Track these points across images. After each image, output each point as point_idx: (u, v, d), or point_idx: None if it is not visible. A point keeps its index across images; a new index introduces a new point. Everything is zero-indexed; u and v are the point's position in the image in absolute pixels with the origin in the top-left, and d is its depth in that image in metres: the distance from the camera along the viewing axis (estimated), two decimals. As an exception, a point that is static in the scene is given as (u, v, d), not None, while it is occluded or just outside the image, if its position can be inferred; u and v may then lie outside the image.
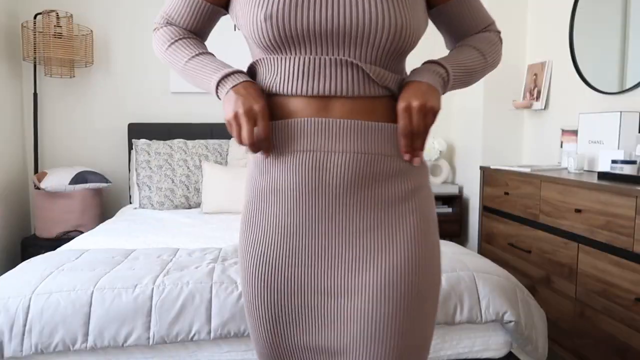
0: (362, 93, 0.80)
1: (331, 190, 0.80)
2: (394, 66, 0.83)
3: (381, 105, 0.82)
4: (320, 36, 0.78)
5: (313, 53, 0.79)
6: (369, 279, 0.79)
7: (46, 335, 1.37)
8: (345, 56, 0.79)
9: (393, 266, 0.79)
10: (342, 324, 0.81)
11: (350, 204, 0.80)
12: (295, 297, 0.82)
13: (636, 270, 1.67)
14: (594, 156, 2.28)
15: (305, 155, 0.80)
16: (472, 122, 3.20)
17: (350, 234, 0.81)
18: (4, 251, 2.92)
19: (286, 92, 0.81)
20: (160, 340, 1.42)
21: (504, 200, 2.52)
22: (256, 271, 0.83)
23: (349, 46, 0.78)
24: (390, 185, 0.82)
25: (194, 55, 0.85)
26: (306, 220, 0.81)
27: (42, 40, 2.78)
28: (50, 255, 1.77)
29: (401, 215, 0.81)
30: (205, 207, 2.72)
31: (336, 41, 0.78)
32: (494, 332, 1.62)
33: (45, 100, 3.17)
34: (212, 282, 1.51)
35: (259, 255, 0.83)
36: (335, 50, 0.79)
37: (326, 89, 0.79)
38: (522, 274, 2.36)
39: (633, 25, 2.19)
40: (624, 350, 1.73)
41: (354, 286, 0.80)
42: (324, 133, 0.80)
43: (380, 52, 0.79)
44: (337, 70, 0.79)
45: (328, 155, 0.79)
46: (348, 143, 0.79)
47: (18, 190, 3.08)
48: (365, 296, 0.79)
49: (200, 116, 3.33)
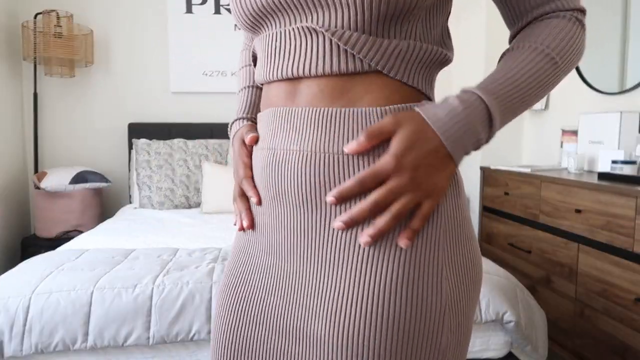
0: (332, 70, 0.57)
1: (287, 202, 0.61)
2: (390, 30, 0.57)
3: (362, 83, 0.57)
4: (286, 3, 0.58)
5: (281, 25, 0.60)
6: (325, 330, 0.57)
7: (46, 335, 1.37)
8: (313, 23, 0.57)
9: (356, 319, 0.55)
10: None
11: (307, 223, 0.60)
12: (246, 330, 0.66)
13: (636, 271, 1.67)
14: (594, 156, 2.28)
15: (263, 154, 0.63)
16: (472, 122, 3.20)
17: (309, 263, 0.60)
18: (4, 251, 2.92)
19: (261, 80, 0.65)
20: (160, 340, 1.42)
21: (504, 201, 2.52)
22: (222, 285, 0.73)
23: (317, 10, 0.56)
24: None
25: (240, 89, 0.84)
26: (262, 235, 0.66)
27: (42, 40, 2.78)
28: (50, 255, 1.77)
29: (376, 246, 0.56)
30: (205, 207, 2.72)
31: (302, 5, 0.57)
32: (493, 332, 1.62)
33: (46, 100, 3.17)
34: (212, 282, 1.51)
35: (227, 270, 0.73)
36: (305, 17, 0.57)
37: (289, 70, 0.59)
38: (522, 274, 2.36)
39: (633, 26, 2.19)
40: (623, 350, 1.73)
41: (309, 333, 0.59)
42: (284, 126, 0.61)
43: (362, 15, 0.54)
44: (302, 42, 0.58)
45: (285, 155, 0.60)
46: (307, 140, 0.58)
47: (18, 190, 3.08)
48: (321, 351, 0.58)
49: (200, 116, 3.33)
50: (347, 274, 0.56)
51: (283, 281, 0.63)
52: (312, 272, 0.59)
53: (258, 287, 0.66)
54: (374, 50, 0.56)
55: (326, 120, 0.58)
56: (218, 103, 3.34)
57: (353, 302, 0.55)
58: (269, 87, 0.65)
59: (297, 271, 0.61)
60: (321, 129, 0.58)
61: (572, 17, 0.61)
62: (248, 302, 0.67)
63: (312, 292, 0.59)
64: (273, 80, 0.63)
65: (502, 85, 0.56)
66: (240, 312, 0.67)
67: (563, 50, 0.59)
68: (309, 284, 0.60)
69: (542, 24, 0.61)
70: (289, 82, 0.61)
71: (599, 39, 2.40)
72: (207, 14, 3.26)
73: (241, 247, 0.71)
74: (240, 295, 0.68)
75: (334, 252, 0.58)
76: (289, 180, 0.60)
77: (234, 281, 0.69)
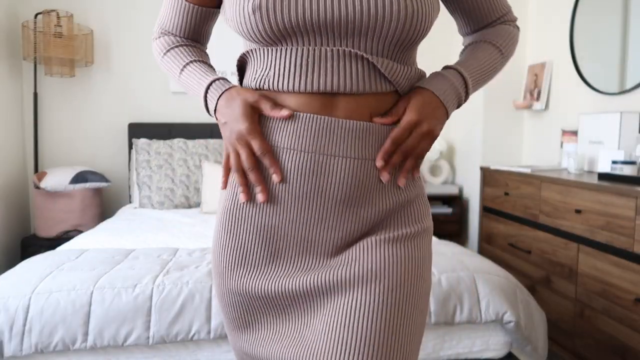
0: (369, 89, 0.71)
1: (328, 199, 0.72)
2: (404, 57, 0.74)
3: (387, 102, 0.74)
4: (318, 28, 0.68)
5: (312, 44, 0.70)
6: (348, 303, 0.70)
7: (46, 335, 1.37)
8: (349, 48, 0.69)
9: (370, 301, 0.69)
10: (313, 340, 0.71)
11: (345, 216, 0.73)
12: (269, 302, 0.76)
13: (636, 271, 1.67)
14: (594, 157, 2.28)
15: (305, 157, 0.71)
16: (473, 122, 3.20)
17: (340, 247, 0.74)
18: (4, 251, 2.92)
19: (281, 88, 0.72)
20: (160, 339, 1.42)
21: (504, 201, 2.52)
22: (230, 271, 0.78)
23: (352, 37, 0.69)
24: (387, 196, 0.74)
25: (185, 64, 0.83)
26: (296, 225, 0.74)
27: (42, 39, 2.78)
28: (50, 255, 1.77)
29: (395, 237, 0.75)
30: (205, 207, 2.72)
31: (337, 32, 0.69)
32: (493, 332, 1.62)
33: (46, 100, 3.17)
34: (212, 282, 1.51)
35: (235, 255, 0.77)
36: (337, 41, 0.69)
37: (328, 85, 0.70)
38: (522, 274, 2.36)
39: (633, 26, 2.19)
40: (623, 350, 1.73)
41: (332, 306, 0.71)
42: (327, 134, 0.71)
43: (388, 43, 0.70)
44: (341, 63, 0.69)
45: (329, 160, 0.71)
46: (351, 147, 0.71)
47: (18, 189, 3.08)
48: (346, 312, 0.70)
49: (200, 116, 3.33)
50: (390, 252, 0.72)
51: (307, 262, 0.75)
52: (351, 258, 0.72)
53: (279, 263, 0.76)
54: (399, 75, 0.73)
55: (365, 132, 0.71)
56: (218, 103, 3.34)
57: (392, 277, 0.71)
58: (283, 96, 0.73)
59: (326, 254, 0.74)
60: (360, 139, 0.71)
61: (512, 24, 0.88)
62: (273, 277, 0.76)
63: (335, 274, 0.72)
64: (297, 92, 0.72)
65: (472, 65, 0.80)
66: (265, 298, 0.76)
67: (508, 46, 0.85)
68: (350, 265, 0.72)
69: (495, 29, 0.87)
70: (323, 95, 0.71)
71: (599, 39, 2.40)
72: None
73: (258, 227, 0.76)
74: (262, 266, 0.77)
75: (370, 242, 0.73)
76: (334, 180, 0.71)
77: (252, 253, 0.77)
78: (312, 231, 0.74)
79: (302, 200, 0.73)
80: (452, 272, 1.62)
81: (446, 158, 3.57)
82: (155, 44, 0.89)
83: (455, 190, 3.28)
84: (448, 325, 1.57)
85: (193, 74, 0.81)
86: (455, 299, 1.55)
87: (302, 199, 0.73)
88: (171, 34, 0.88)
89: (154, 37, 0.90)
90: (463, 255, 1.81)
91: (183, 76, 0.82)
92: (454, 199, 3.28)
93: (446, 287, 1.56)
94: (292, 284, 0.74)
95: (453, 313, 1.54)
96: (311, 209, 0.73)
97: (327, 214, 0.73)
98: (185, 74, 0.82)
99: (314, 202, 0.72)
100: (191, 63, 0.83)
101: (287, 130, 0.72)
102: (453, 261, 1.71)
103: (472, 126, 3.21)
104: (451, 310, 1.54)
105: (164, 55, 0.86)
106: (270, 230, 0.75)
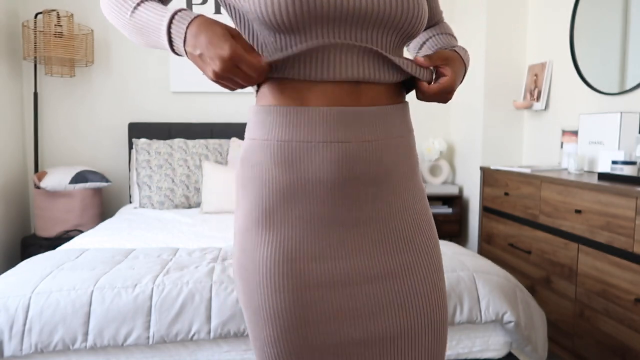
0: (391, 79, 0.79)
1: (360, 182, 0.77)
2: (400, 52, 0.82)
3: (396, 86, 0.83)
4: (343, 17, 0.72)
5: (330, 35, 0.73)
6: (408, 261, 0.80)
7: (46, 335, 1.37)
8: (365, 39, 0.75)
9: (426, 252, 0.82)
10: (390, 308, 0.78)
11: (378, 196, 0.79)
12: (328, 292, 0.76)
13: (636, 271, 1.67)
14: (594, 157, 2.28)
15: (336, 147, 0.75)
16: (472, 123, 3.20)
17: (380, 220, 0.79)
18: (4, 250, 2.92)
19: (309, 77, 0.74)
20: (160, 339, 1.42)
21: (504, 201, 2.52)
22: (280, 271, 0.75)
23: (370, 29, 0.75)
24: (404, 164, 0.82)
25: (138, 3, 0.75)
26: (336, 211, 0.76)
27: (42, 39, 2.78)
28: (50, 255, 1.77)
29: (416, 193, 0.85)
30: (205, 207, 2.72)
31: (357, 23, 0.73)
32: (493, 332, 1.62)
33: (46, 100, 3.17)
34: (212, 282, 1.51)
35: (284, 253, 0.75)
36: (355, 32, 0.74)
37: (355, 74, 0.75)
38: (522, 275, 2.36)
39: (633, 26, 2.19)
40: (623, 350, 1.73)
41: (392, 268, 0.79)
42: (354, 123, 0.76)
43: (399, 36, 0.77)
44: (365, 57, 0.76)
45: (361, 145, 0.76)
46: (379, 130, 0.78)
47: (18, 189, 3.08)
48: (411, 277, 0.80)
49: (200, 116, 3.33)
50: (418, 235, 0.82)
51: (355, 241, 0.78)
52: (382, 226, 0.79)
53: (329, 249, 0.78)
54: (408, 67, 0.80)
55: (389, 114, 0.80)
56: (218, 103, 3.34)
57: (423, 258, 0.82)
58: (321, 84, 0.76)
59: (370, 230, 0.79)
60: (386, 121, 0.79)
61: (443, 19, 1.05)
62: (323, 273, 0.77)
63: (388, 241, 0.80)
64: (332, 80, 0.75)
65: (460, 47, 0.94)
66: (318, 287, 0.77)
67: (453, 34, 1.01)
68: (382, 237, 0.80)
69: (443, 24, 1.03)
70: (349, 84, 0.76)
71: (599, 39, 2.40)
72: (207, 13, 3.26)
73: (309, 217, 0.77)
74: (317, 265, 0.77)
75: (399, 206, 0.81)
76: (366, 163, 0.76)
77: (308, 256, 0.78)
78: (352, 212, 0.77)
79: (341, 186, 0.76)
80: (452, 272, 1.62)
81: (446, 158, 3.57)
82: None
83: (455, 190, 3.28)
84: (448, 326, 1.57)
85: (149, 10, 0.74)
86: (455, 299, 1.55)
87: (340, 186, 0.76)
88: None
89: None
90: (463, 255, 1.81)
91: (136, 15, 0.75)
92: (454, 199, 3.28)
93: (446, 287, 1.56)
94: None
95: (453, 313, 1.54)
96: (349, 194, 0.77)
97: (365, 194, 0.78)
98: (139, 13, 0.75)
99: (351, 186, 0.76)
100: (145, 1, 0.75)
101: (320, 125, 0.75)
102: (453, 261, 1.71)
103: (472, 126, 3.22)
104: (451, 310, 1.54)
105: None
106: (315, 223, 0.76)
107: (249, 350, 1.49)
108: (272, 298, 0.76)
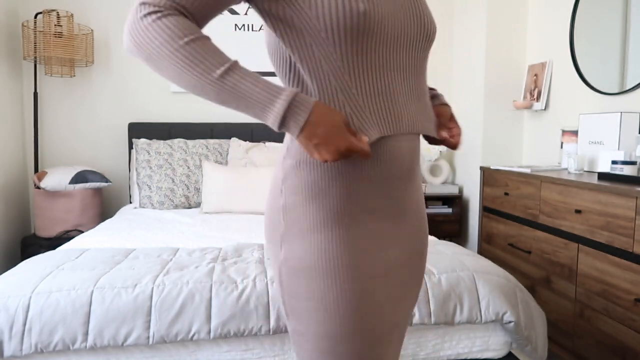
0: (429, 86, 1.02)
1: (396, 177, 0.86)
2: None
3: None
4: (405, 35, 0.82)
5: (392, 54, 0.82)
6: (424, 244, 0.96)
7: (46, 335, 1.37)
8: (412, 54, 0.85)
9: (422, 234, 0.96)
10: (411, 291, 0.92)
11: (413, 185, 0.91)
12: (382, 280, 0.85)
13: (636, 271, 1.67)
14: (594, 157, 2.28)
15: (405, 142, 0.87)
16: (472, 122, 3.20)
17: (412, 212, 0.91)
18: (4, 250, 2.92)
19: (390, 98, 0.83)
20: (160, 339, 1.42)
21: (504, 201, 2.52)
22: (353, 264, 0.80)
23: (421, 46, 0.86)
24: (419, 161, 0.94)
25: (230, 65, 0.69)
26: (392, 204, 0.87)
27: (42, 39, 2.78)
28: (50, 255, 1.77)
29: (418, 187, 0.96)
30: (205, 207, 2.72)
31: (413, 41, 0.84)
32: (493, 332, 1.62)
33: (46, 100, 3.17)
34: (212, 282, 1.51)
35: (357, 247, 0.81)
36: (407, 49, 0.83)
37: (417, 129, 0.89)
38: (522, 275, 2.36)
39: (633, 26, 2.19)
40: (623, 350, 1.73)
41: (416, 251, 0.93)
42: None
43: (428, 53, 0.90)
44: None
45: (409, 140, 0.88)
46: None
47: (18, 189, 3.08)
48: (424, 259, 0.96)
49: (200, 116, 3.33)
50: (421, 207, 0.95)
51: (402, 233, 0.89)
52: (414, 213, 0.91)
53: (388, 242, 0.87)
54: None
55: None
56: (218, 103, 3.34)
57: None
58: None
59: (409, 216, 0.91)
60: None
61: None
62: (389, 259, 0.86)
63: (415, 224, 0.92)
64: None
65: (442, 95, 1.08)
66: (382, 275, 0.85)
67: None
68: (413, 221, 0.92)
69: None
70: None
71: (599, 39, 2.40)
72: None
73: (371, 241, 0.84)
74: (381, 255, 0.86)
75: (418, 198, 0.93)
76: (402, 159, 0.84)
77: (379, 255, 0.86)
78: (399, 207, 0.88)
79: (383, 183, 0.84)
80: (452, 272, 1.62)
81: (446, 158, 3.57)
82: (163, 23, 0.68)
83: (455, 190, 3.28)
84: (448, 325, 1.57)
85: (247, 81, 0.69)
86: (455, 299, 1.55)
87: (401, 176, 0.86)
88: (183, 11, 0.71)
89: (156, 10, 0.69)
90: (463, 256, 1.81)
91: (230, 80, 0.69)
92: (454, 199, 3.28)
93: (446, 287, 1.56)
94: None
95: (453, 313, 1.54)
96: (389, 188, 0.85)
97: (400, 188, 0.88)
98: (233, 78, 0.69)
99: (389, 181, 0.84)
100: (237, 65, 0.70)
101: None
102: (453, 261, 1.71)
103: (472, 126, 3.21)
104: (451, 310, 1.54)
105: (186, 43, 0.68)
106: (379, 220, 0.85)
107: (249, 350, 1.49)
108: (348, 292, 0.80)
